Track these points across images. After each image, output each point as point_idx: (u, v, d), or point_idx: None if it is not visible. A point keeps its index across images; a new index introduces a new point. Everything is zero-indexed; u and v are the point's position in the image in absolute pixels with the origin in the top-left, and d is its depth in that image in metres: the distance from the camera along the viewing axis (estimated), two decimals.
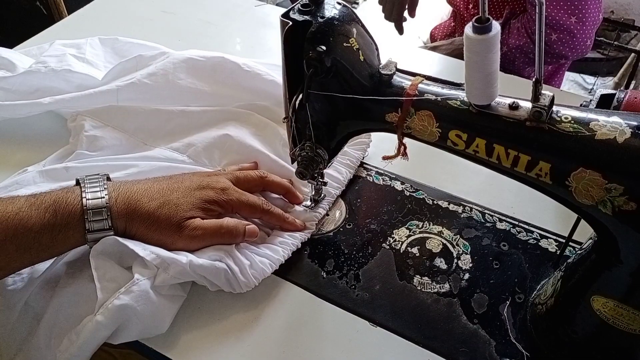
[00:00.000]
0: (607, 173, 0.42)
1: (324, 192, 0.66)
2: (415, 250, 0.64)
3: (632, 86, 1.91)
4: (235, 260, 0.56)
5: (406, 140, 0.53)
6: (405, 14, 1.13)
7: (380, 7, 1.16)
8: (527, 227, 0.66)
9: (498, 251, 0.63)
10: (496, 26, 0.41)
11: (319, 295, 0.59)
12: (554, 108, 0.44)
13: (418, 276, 0.61)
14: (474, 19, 0.40)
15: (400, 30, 1.15)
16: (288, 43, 0.50)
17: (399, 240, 0.65)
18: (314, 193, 0.65)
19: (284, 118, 0.57)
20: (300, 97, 0.51)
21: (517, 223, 0.66)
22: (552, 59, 1.11)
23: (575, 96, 0.88)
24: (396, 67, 0.53)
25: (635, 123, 0.42)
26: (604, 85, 2.26)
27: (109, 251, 0.54)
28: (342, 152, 0.61)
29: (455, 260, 0.62)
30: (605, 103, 0.55)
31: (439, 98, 0.49)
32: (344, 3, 0.51)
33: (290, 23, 0.49)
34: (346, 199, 0.69)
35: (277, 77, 0.74)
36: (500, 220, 0.67)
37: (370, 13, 1.28)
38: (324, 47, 0.47)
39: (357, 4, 2.39)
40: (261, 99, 0.75)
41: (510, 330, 0.56)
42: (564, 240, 0.61)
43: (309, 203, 0.66)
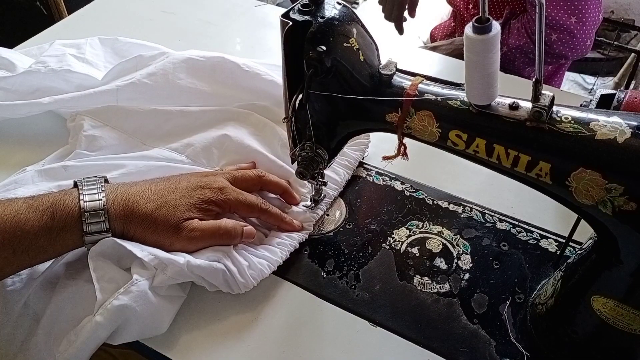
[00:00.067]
0: (607, 173, 0.42)
1: (323, 193, 0.66)
2: (415, 250, 0.64)
3: (632, 86, 1.91)
4: (233, 261, 0.56)
5: (406, 140, 0.53)
6: (405, 14, 1.13)
7: (380, 7, 1.16)
8: (527, 227, 0.66)
9: (498, 251, 0.63)
10: (496, 26, 0.41)
11: (319, 295, 0.59)
12: (554, 108, 0.44)
13: (418, 276, 0.61)
14: (474, 19, 0.40)
15: (400, 30, 1.15)
16: (288, 43, 0.50)
17: (399, 240, 0.64)
18: (314, 193, 0.65)
19: (284, 118, 0.57)
20: (300, 97, 0.51)
21: (517, 223, 0.66)
22: (552, 59, 1.11)
23: (575, 96, 0.88)
24: (396, 67, 0.53)
25: (635, 123, 0.42)
26: (604, 85, 2.26)
27: (108, 252, 0.54)
28: (340, 153, 0.61)
29: (456, 261, 0.62)
30: (605, 103, 0.55)
31: (439, 98, 0.49)
32: (344, 3, 0.51)
33: (290, 23, 0.49)
34: (346, 199, 0.69)
35: (277, 77, 0.74)
36: (500, 220, 0.67)
37: (370, 13, 1.28)
38: (324, 47, 0.47)
39: (357, 4, 2.38)
40: (261, 99, 0.75)
41: (510, 330, 0.56)
42: (564, 240, 0.61)
43: (309, 203, 0.66)
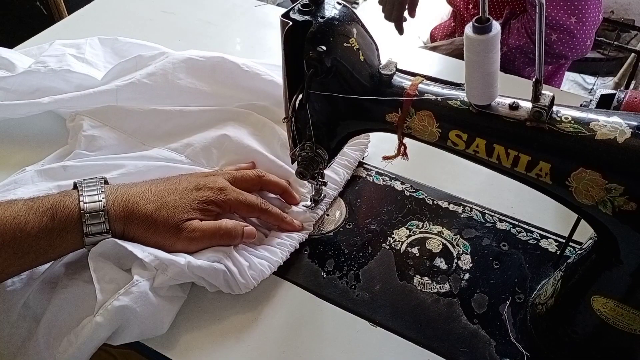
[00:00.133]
0: (607, 173, 0.42)
1: (323, 193, 0.66)
2: (415, 250, 0.64)
3: (632, 86, 1.91)
4: (233, 262, 0.56)
5: (406, 140, 0.53)
6: (405, 14, 1.13)
7: (380, 7, 1.16)
8: (527, 227, 0.66)
9: (498, 251, 0.63)
10: (496, 26, 0.41)
11: (319, 295, 0.59)
12: (554, 108, 0.44)
13: (418, 276, 0.61)
14: (474, 19, 0.40)
15: (400, 30, 1.15)
16: (288, 43, 0.50)
17: (399, 241, 0.64)
18: (314, 193, 0.65)
19: (284, 118, 0.57)
20: (300, 97, 0.51)
21: (517, 223, 0.66)
22: (552, 59, 1.11)
23: (575, 96, 0.88)
24: (396, 67, 0.53)
25: (635, 123, 0.42)
26: (604, 85, 2.26)
27: (108, 253, 0.54)
28: (340, 153, 0.61)
29: (456, 261, 0.62)
30: (605, 103, 0.55)
31: (439, 98, 0.49)
32: (344, 3, 0.51)
33: (291, 23, 0.49)
34: (346, 199, 0.69)
35: (277, 77, 0.74)
36: (500, 220, 0.67)
37: (370, 13, 1.28)
38: (324, 47, 0.47)
39: (357, 4, 2.39)
40: (260, 99, 0.75)
41: (510, 330, 0.56)
42: (564, 240, 0.61)
43: (309, 203, 0.66)
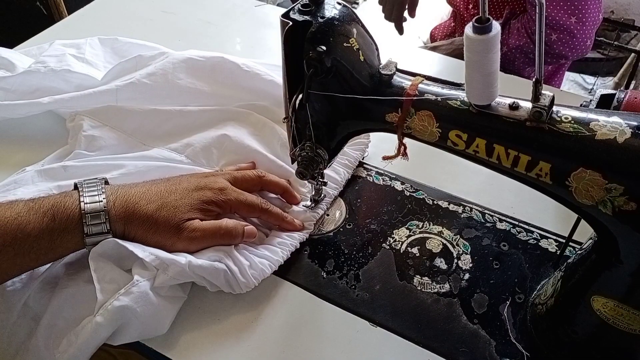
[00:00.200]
0: (607, 173, 0.42)
1: (323, 193, 0.66)
2: (415, 250, 0.64)
3: (632, 86, 1.91)
4: (234, 261, 0.56)
5: (406, 140, 0.53)
6: (405, 14, 1.13)
7: (380, 7, 1.16)
8: (527, 227, 0.66)
9: (498, 251, 0.63)
10: (496, 26, 0.41)
11: (319, 295, 0.59)
12: (554, 108, 0.44)
13: (418, 276, 0.61)
14: (474, 19, 0.40)
15: (400, 30, 1.15)
16: (288, 43, 0.50)
17: (399, 240, 0.64)
18: (314, 193, 0.65)
19: (284, 118, 0.57)
20: (300, 97, 0.51)
21: (517, 223, 0.66)
22: (552, 59, 1.11)
23: (575, 96, 0.88)
24: (396, 67, 0.53)
25: (635, 123, 0.42)
26: (604, 85, 2.26)
27: (108, 253, 0.54)
28: (340, 152, 0.61)
29: (456, 261, 0.62)
30: (605, 103, 0.55)
31: (439, 98, 0.49)
32: (344, 3, 0.51)
33: (291, 23, 0.49)
34: (346, 199, 0.69)
35: (277, 77, 0.74)
36: (500, 220, 0.67)
37: (370, 13, 1.28)
38: (324, 47, 0.47)
39: (357, 4, 2.39)
40: (260, 99, 0.75)
41: (510, 330, 0.56)
42: (564, 240, 0.61)
43: (309, 203, 0.66)
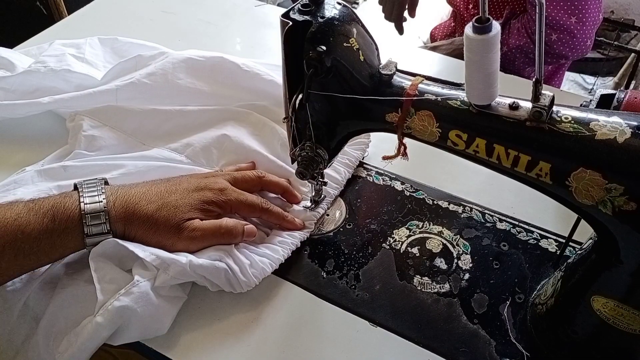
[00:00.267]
0: (607, 173, 0.42)
1: (323, 193, 0.66)
2: (415, 250, 0.64)
3: (632, 86, 1.91)
4: (235, 260, 0.56)
5: (406, 140, 0.53)
6: (405, 14, 1.13)
7: (380, 7, 1.16)
8: (527, 227, 0.66)
9: (498, 251, 0.63)
10: (496, 26, 0.41)
11: (319, 295, 0.59)
12: (554, 108, 0.44)
13: (418, 276, 0.61)
14: (474, 19, 0.40)
15: (400, 30, 1.15)
16: (288, 43, 0.50)
17: (399, 240, 0.64)
18: (313, 194, 0.65)
19: (284, 118, 0.57)
20: (300, 97, 0.51)
21: (517, 223, 0.66)
22: (552, 59, 1.11)
23: (575, 96, 0.88)
24: (396, 67, 0.53)
25: (635, 123, 0.42)
26: (604, 85, 2.26)
27: (109, 253, 0.54)
28: (341, 152, 0.61)
29: (456, 260, 0.62)
30: (605, 103, 0.55)
31: (439, 98, 0.49)
32: (344, 3, 0.51)
33: (290, 23, 0.49)
34: (346, 199, 0.69)
35: (277, 77, 0.74)
36: (500, 220, 0.67)
37: (370, 13, 1.28)
38: (324, 47, 0.47)
39: (357, 4, 2.39)
40: (260, 99, 0.75)
41: (510, 330, 0.56)
42: (564, 240, 0.61)
43: (309, 204, 0.66)
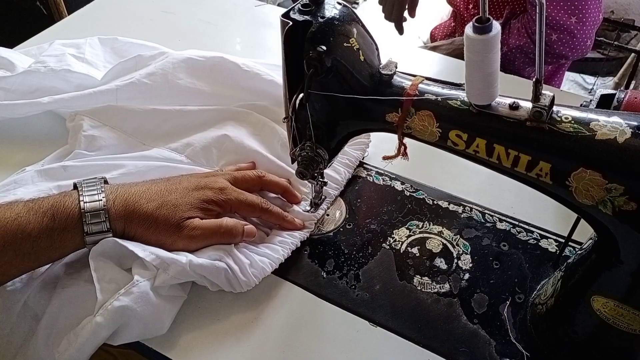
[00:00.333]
0: (608, 173, 0.42)
1: (323, 194, 0.66)
2: (415, 250, 0.64)
3: (632, 86, 1.91)
4: (235, 260, 0.56)
5: (406, 140, 0.53)
6: (405, 14, 1.13)
7: (380, 7, 1.16)
8: (527, 227, 0.66)
9: (498, 251, 0.63)
10: (496, 26, 0.41)
11: (319, 295, 0.59)
12: (554, 108, 0.44)
13: (418, 276, 0.61)
14: (474, 19, 0.40)
15: (400, 30, 1.15)
16: (288, 43, 0.50)
17: (399, 240, 0.64)
18: (314, 196, 0.65)
19: (284, 118, 0.57)
20: (300, 97, 0.51)
21: (517, 223, 0.66)
22: (552, 59, 1.11)
23: (575, 96, 0.88)
24: (396, 67, 0.53)
25: (635, 123, 0.42)
26: (604, 85, 2.26)
27: (109, 253, 0.54)
28: (341, 152, 0.61)
29: (455, 260, 0.62)
30: (605, 103, 0.55)
31: (439, 98, 0.49)
32: (344, 3, 0.51)
33: (291, 23, 0.49)
34: (346, 199, 0.69)
35: (277, 77, 0.74)
36: (500, 220, 0.67)
37: (370, 13, 1.28)
38: (324, 47, 0.47)
39: (357, 4, 2.39)
40: (260, 99, 0.75)
41: (510, 330, 0.56)
42: (564, 240, 0.61)
43: (309, 207, 0.65)
